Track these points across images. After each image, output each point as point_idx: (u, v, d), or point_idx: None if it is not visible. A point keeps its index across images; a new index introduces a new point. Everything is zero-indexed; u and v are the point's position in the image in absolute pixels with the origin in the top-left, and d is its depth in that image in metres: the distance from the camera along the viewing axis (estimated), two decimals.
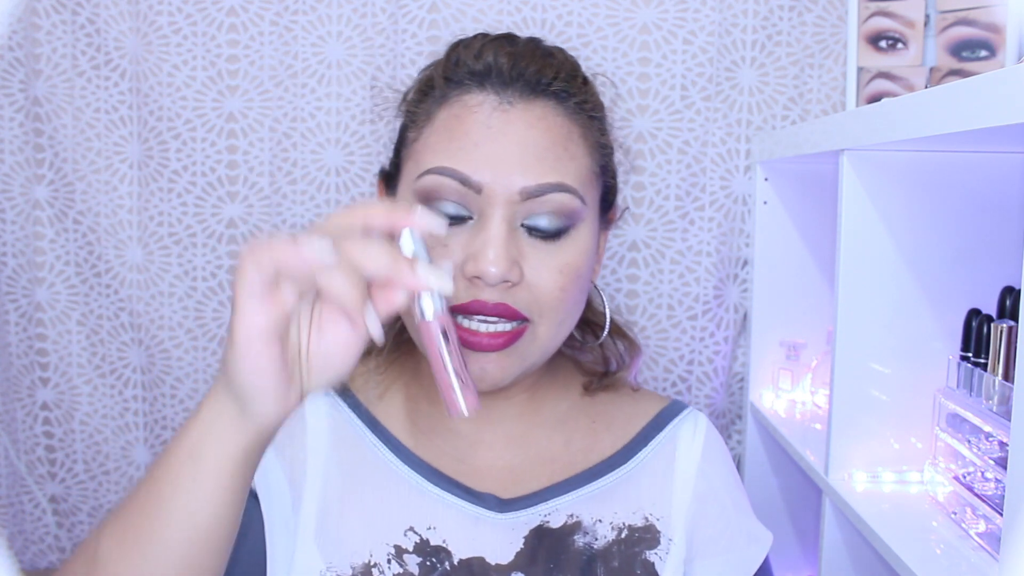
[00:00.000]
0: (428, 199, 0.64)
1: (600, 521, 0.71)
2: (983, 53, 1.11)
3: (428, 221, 0.48)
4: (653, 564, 0.71)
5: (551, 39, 1.25)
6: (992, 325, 0.80)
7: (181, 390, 1.31)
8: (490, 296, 0.63)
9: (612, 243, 1.27)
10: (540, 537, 0.69)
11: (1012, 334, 0.77)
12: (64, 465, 1.35)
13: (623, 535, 0.71)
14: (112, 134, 1.28)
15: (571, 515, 0.70)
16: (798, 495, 1.25)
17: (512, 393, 0.73)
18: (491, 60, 0.66)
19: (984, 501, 0.77)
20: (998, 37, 1.09)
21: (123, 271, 1.30)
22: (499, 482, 0.71)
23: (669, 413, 0.80)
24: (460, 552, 0.66)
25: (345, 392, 0.74)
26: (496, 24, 1.24)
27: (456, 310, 0.64)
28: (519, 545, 0.68)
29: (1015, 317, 0.79)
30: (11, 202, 1.31)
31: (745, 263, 1.28)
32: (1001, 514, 0.72)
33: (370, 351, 0.77)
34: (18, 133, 1.30)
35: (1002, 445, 0.78)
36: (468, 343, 0.64)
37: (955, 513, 0.81)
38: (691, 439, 0.78)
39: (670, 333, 1.28)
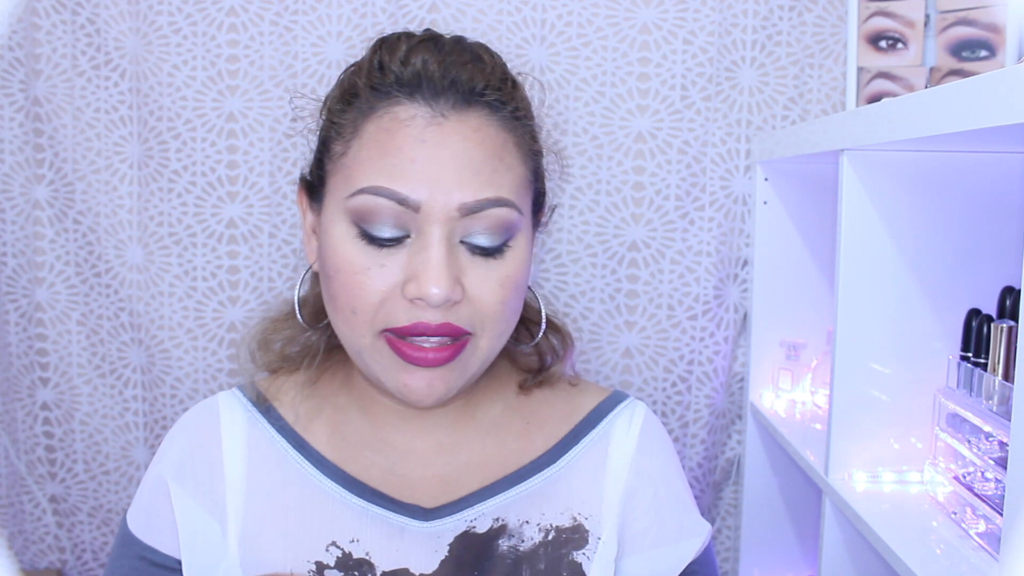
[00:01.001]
0: (362, 219, 0.62)
1: (527, 523, 0.70)
2: (983, 53, 1.11)
3: None
4: (580, 564, 0.69)
5: (551, 39, 1.25)
6: (992, 325, 0.80)
7: (181, 390, 1.31)
8: (432, 316, 0.62)
9: (612, 243, 1.27)
10: (465, 544, 0.68)
11: (1012, 334, 0.77)
12: (64, 465, 1.35)
13: (550, 536, 0.70)
14: (112, 134, 1.28)
15: (497, 519, 0.69)
16: (798, 495, 1.25)
17: (448, 401, 0.71)
18: (420, 67, 0.63)
19: (984, 501, 0.77)
20: (998, 37, 1.09)
21: (123, 271, 1.30)
22: (428, 491, 0.70)
23: (606, 407, 0.78)
24: (384, 564, 0.66)
25: (268, 410, 0.74)
26: (496, 25, 1.24)
27: (399, 332, 0.63)
28: (444, 553, 0.67)
29: (1015, 317, 0.79)
30: (11, 202, 1.31)
31: (745, 263, 1.28)
32: (1001, 514, 0.72)
33: (298, 366, 0.76)
34: (18, 133, 1.30)
35: (1002, 445, 0.78)
36: (413, 359, 0.63)
37: (955, 513, 0.81)
38: (626, 432, 0.76)
39: (670, 333, 1.28)
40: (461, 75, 0.64)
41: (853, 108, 1.20)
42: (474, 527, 0.68)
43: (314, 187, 0.69)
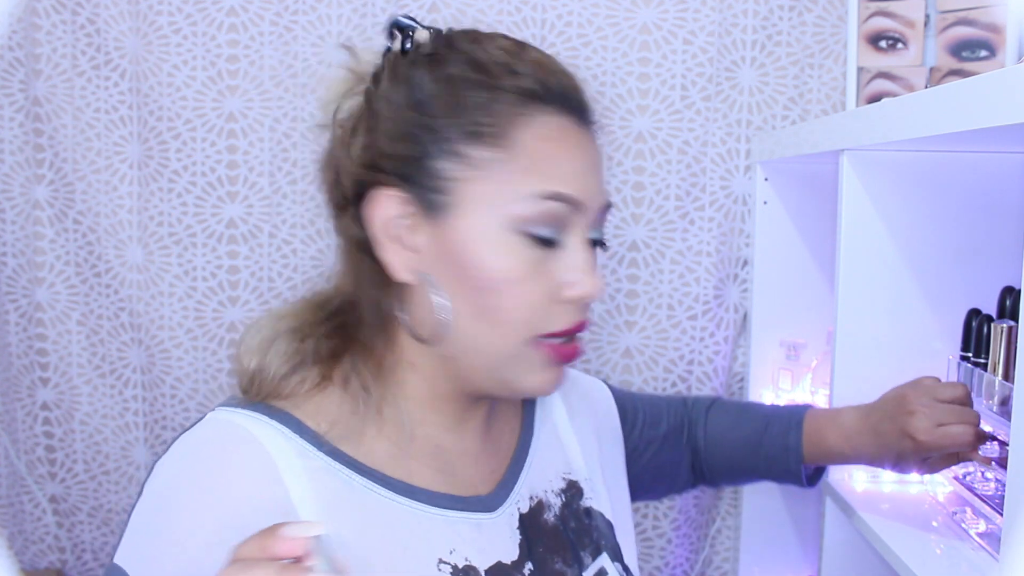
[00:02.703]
0: (533, 225, 0.62)
1: (547, 492, 0.74)
2: (983, 53, 1.11)
3: (310, 530, 0.47)
4: (590, 508, 0.76)
5: (551, 39, 1.25)
6: (992, 325, 0.80)
7: (181, 390, 1.31)
8: (584, 314, 0.66)
9: (612, 243, 1.27)
10: (526, 524, 0.70)
11: (1012, 334, 0.77)
12: (64, 465, 1.35)
13: (564, 499, 0.75)
14: (112, 134, 1.28)
15: (531, 497, 0.72)
16: (798, 495, 1.25)
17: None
18: (565, 81, 0.66)
19: (984, 501, 0.77)
20: (998, 37, 1.10)
21: (123, 271, 1.30)
22: (482, 485, 0.70)
23: None
24: (482, 564, 0.65)
25: (307, 433, 0.63)
26: (496, 24, 1.24)
27: (560, 335, 0.65)
28: (518, 537, 0.69)
29: (1015, 317, 0.79)
30: (11, 202, 1.31)
31: (745, 263, 1.28)
32: (1001, 514, 0.72)
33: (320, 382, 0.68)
34: (18, 133, 1.30)
35: (1002, 445, 0.78)
36: (566, 358, 0.66)
37: (955, 513, 0.81)
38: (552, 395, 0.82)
39: (670, 333, 1.28)
40: (587, 92, 0.68)
41: (853, 108, 1.20)
42: (521, 508, 0.70)
43: (426, 200, 0.63)
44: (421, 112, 0.63)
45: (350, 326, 0.67)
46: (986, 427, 0.78)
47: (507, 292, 0.62)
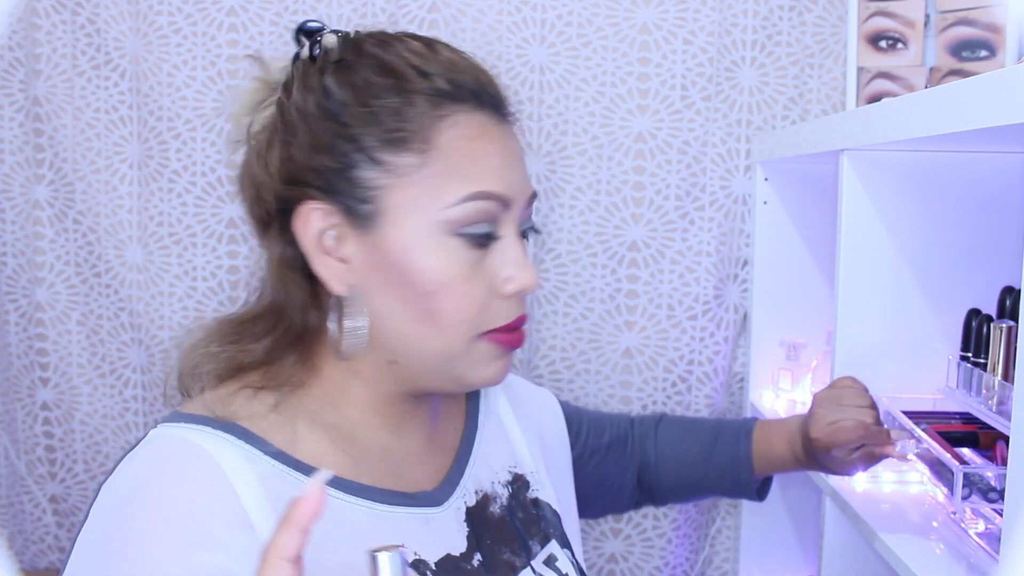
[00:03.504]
0: (465, 225, 0.63)
1: (493, 484, 0.74)
2: (983, 53, 1.11)
3: (323, 477, 0.46)
4: (537, 498, 0.77)
5: (551, 39, 1.25)
6: (992, 325, 0.80)
7: None
8: (523, 307, 0.67)
9: (612, 243, 1.27)
10: (473, 517, 0.71)
11: (1012, 334, 0.77)
12: (64, 465, 1.35)
13: (511, 490, 0.75)
14: (112, 134, 1.28)
15: (477, 490, 0.73)
16: (798, 495, 1.25)
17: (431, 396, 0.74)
18: (479, 77, 0.65)
19: (984, 501, 0.77)
20: (998, 37, 1.10)
21: (123, 271, 1.30)
22: (428, 482, 0.71)
23: None
24: (432, 557, 0.66)
25: (253, 440, 0.62)
26: (496, 24, 1.24)
27: (507, 328, 0.65)
28: (466, 529, 0.69)
29: (1015, 317, 0.79)
30: (11, 202, 1.31)
31: (745, 263, 1.28)
32: (1001, 514, 0.72)
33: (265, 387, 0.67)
34: (18, 133, 1.30)
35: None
36: (515, 343, 0.67)
37: (955, 513, 0.81)
38: (494, 388, 0.83)
39: (670, 333, 1.28)
40: (502, 86, 0.68)
41: (853, 108, 1.20)
42: (468, 502, 0.71)
43: (352, 210, 0.63)
44: (336, 121, 0.62)
45: (282, 337, 0.66)
46: (913, 427, 0.80)
47: (447, 294, 0.62)
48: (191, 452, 0.60)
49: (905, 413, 0.88)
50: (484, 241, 0.63)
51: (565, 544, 0.76)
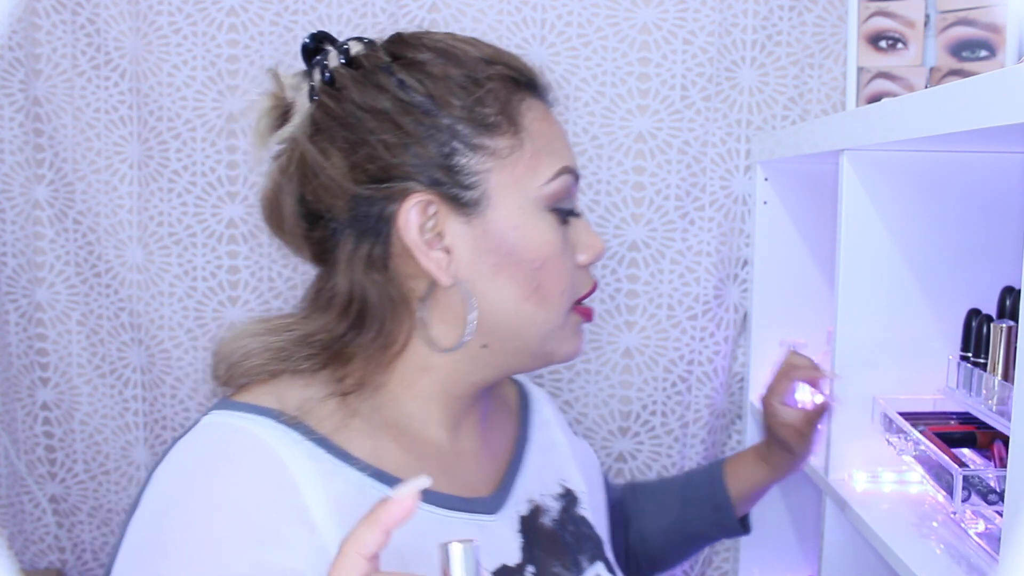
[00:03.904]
0: (559, 200, 0.66)
1: (543, 496, 0.74)
2: (983, 53, 1.11)
3: (420, 484, 0.45)
4: (585, 517, 0.76)
5: (551, 39, 1.25)
6: (992, 325, 0.80)
7: (181, 390, 1.31)
8: (593, 275, 0.71)
9: (612, 243, 1.27)
10: (526, 527, 0.70)
11: (1012, 334, 0.77)
12: (64, 465, 1.35)
13: (561, 504, 0.75)
14: (112, 134, 1.28)
15: (529, 500, 0.72)
16: (798, 495, 1.25)
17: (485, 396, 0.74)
18: (526, 64, 0.69)
19: (984, 501, 0.77)
20: (998, 37, 1.09)
21: (123, 271, 1.30)
22: (484, 487, 0.70)
23: (518, 381, 0.86)
24: (489, 566, 0.64)
25: (326, 442, 0.61)
26: (496, 24, 1.24)
27: (585, 297, 0.69)
28: (520, 540, 0.68)
29: (1015, 317, 0.79)
30: (11, 202, 1.31)
31: (745, 263, 1.28)
32: (1001, 514, 0.72)
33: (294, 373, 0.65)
34: (18, 133, 1.30)
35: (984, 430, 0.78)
36: (589, 317, 0.70)
37: (955, 513, 0.81)
38: (544, 404, 0.84)
39: (670, 333, 1.28)
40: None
41: (853, 108, 1.20)
42: (521, 511, 0.70)
43: (457, 198, 0.63)
44: (426, 114, 0.63)
45: (353, 335, 0.64)
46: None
47: (552, 268, 0.65)
48: (252, 443, 0.57)
49: (903, 414, 0.88)
50: (567, 217, 0.67)
51: (612, 570, 0.75)
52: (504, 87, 0.65)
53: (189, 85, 1.26)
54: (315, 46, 0.67)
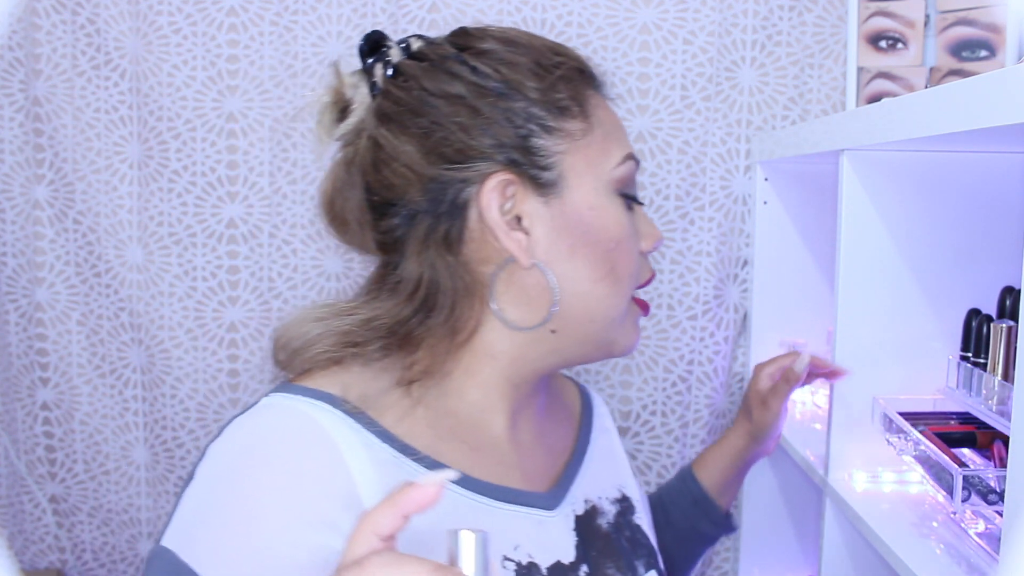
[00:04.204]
0: (626, 185, 0.67)
1: (601, 498, 0.73)
2: (983, 53, 1.11)
3: (447, 476, 0.44)
4: (640, 526, 0.76)
5: (551, 39, 1.25)
6: (992, 325, 0.80)
7: (181, 390, 1.31)
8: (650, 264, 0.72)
9: None
10: (581, 526, 0.69)
11: (1012, 334, 0.77)
12: (64, 465, 1.35)
13: (618, 508, 0.74)
14: (112, 134, 1.28)
15: (586, 500, 0.72)
16: (798, 495, 1.25)
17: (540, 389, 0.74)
18: (582, 57, 0.71)
19: (984, 501, 0.77)
20: (998, 37, 1.09)
21: (123, 271, 1.30)
22: (541, 482, 0.69)
23: (582, 388, 0.86)
24: (544, 562, 0.64)
25: (384, 432, 0.60)
26: (496, 24, 1.24)
27: (646, 284, 0.71)
28: (574, 538, 0.68)
29: (1015, 317, 0.79)
30: (11, 202, 1.31)
31: (745, 263, 1.28)
32: (1001, 514, 0.72)
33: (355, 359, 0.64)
34: (18, 133, 1.30)
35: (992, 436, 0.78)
36: (647, 311, 0.71)
37: (955, 513, 0.81)
38: (603, 409, 0.85)
39: (670, 333, 1.28)
40: None
41: (853, 108, 1.20)
42: (577, 511, 0.70)
43: (536, 179, 0.63)
44: (500, 96, 0.63)
45: (419, 321, 0.64)
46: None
47: (623, 250, 0.66)
48: (309, 426, 0.57)
49: (903, 414, 0.88)
50: (631, 203, 0.68)
51: None
52: (572, 75, 0.67)
53: (189, 85, 1.26)
54: (372, 45, 0.68)
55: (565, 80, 0.66)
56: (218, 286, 1.30)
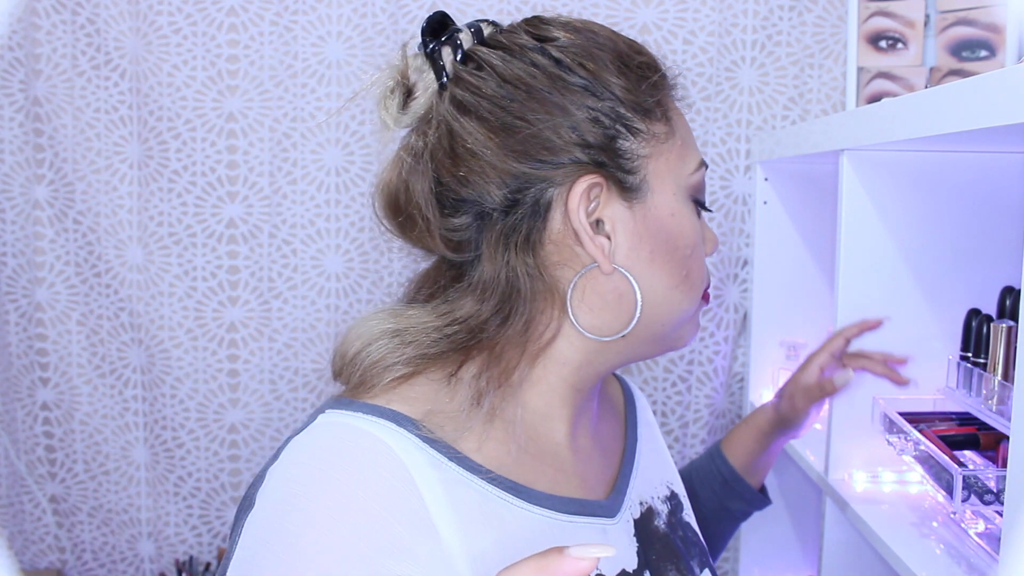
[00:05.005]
0: (698, 192, 0.67)
1: (654, 499, 0.72)
2: (983, 53, 1.11)
3: (602, 552, 0.41)
4: (690, 523, 0.75)
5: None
6: (992, 325, 0.80)
7: (181, 390, 1.31)
8: None
9: None
10: (640, 531, 0.68)
11: (1012, 334, 0.77)
12: (64, 465, 1.35)
13: (669, 507, 0.73)
14: (112, 134, 1.28)
15: (641, 502, 0.70)
16: (798, 495, 1.25)
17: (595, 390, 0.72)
18: (668, 66, 0.68)
19: (981, 501, 0.77)
20: (998, 37, 1.09)
21: (123, 271, 1.30)
22: (599, 488, 0.68)
23: (624, 384, 0.84)
24: (610, 572, 0.62)
25: (449, 449, 0.58)
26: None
27: (707, 287, 0.70)
28: (635, 544, 0.66)
29: (1015, 317, 0.79)
30: (11, 202, 1.31)
31: (745, 263, 1.28)
32: (1001, 514, 0.72)
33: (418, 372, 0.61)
34: (18, 133, 1.30)
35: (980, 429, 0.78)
36: (708, 298, 0.70)
37: (955, 513, 0.81)
38: (645, 406, 0.83)
39: None
40: None
41: (853, 108, 1.20)
42: (635, 514, 0.69)
43: (621, 182, 0.61)
44: (586, 94, 0.61)
45: (495, 328, 0.60)
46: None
47: (696, 256, 0.66)
48: (376, 447, 0.54)
49: (903, 414, 0.88)
50: (700, 209, 0.67)
51: None
52: (652, 74, 0.64)
53: (189, 85, 1.26)
54: (437, 27, 0.65)
55: (647, 80, 0.63)
56: (218, 286, 1.30)
